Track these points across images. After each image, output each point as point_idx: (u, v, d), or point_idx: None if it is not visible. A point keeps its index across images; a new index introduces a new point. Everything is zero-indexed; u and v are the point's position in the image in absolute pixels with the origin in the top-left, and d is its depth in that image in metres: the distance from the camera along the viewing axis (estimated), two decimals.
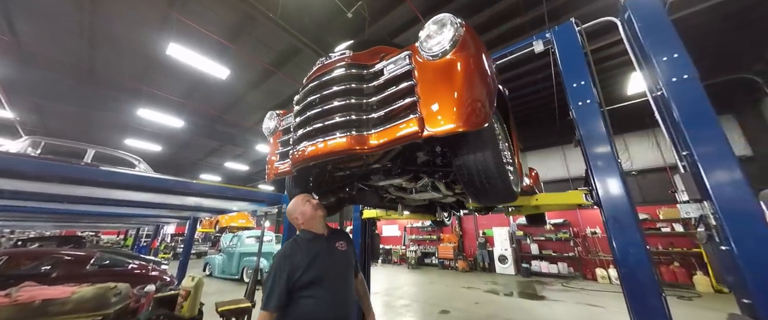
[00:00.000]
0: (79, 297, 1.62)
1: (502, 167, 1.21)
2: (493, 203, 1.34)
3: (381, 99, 1.29)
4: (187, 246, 5.75)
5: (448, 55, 1.14)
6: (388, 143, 1.19)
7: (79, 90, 7.82)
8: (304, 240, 1.49)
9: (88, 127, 10.35)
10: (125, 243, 12.39)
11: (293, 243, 1.48)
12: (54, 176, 2.11)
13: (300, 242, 1.48)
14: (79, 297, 1.61)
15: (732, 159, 1.64)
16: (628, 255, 1.88)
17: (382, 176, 1.87)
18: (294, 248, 1.44)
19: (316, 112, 1.38)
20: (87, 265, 3.65)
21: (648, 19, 2.15)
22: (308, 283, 1.31)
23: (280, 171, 1.77)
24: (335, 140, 1.27)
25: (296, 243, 1.47)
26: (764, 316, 1.39)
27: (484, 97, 1.11)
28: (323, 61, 1.53)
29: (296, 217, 1.53)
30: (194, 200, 3.76)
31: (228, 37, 6.25)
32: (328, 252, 1.48)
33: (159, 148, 11.91)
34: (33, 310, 1.42)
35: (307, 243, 1.47)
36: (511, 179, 1.39)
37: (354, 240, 3.74)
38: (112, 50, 6.62)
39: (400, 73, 1.25)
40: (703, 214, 1.73)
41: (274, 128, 2.01)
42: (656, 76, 2.02)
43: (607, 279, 7.75)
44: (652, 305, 1.72)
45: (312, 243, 1.48)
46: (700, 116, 1.81)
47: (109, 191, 2.88)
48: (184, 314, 2.04)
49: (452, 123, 1.05)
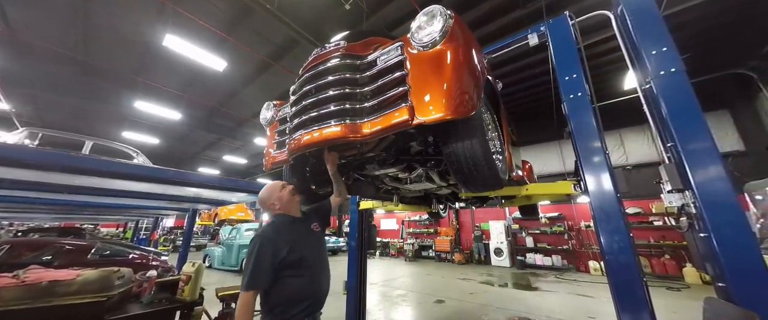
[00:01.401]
0: (83, 279, 1.68)
1: (489, 155, 1.27)
2: (480, 189, 1.40)
3: (374, 89, 1.33)
4: (187, 237, 5.80)
5: (437, 45, 1.18)
6: (381, 131, 1.24)
7: (75, 81, 7.77)
8: (282, 224, 1.52)
9: (84, 119, 10.30)
10: (125, 236, 12.48)
11: (272, 226, 1.50)
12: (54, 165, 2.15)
13: (279, 225, 1.51)
14: (83, 279, 1.67)
15: (714, 151, 1.70)
16: (612, 243, 1.96)
17: (377, 166, 1.93)
18: (275, 230, 1.46)
19: (311, 101, 1.43)
20: (88, 255, 3.71)
21: (639, 13, 2.19)
22: (293, 263, 1.36)
23: (277, 160, 1.82)
24: (330, 128, 1.32)
25: (275, 226, 1.50)
26: (737, 298, 1.46)
27: (471, 87, 1.15)
28: (318, 52, 1.56)
29: (273, 203, 1.56)
30: (194, 191, 3.81)
31: (225, 28, 6.20)
32: (307, 233, 1.55)
33: (157, 141, 11.89)
34: (40, 291, 1.48)
35: (287, 225, 1.52)
36: (499, 167, 1.44)
37: (351, 231, 3.84)
38: (109, 41, 6.56)
39: (392, 63, 1.29)
40: (685, 203, 1.81)
41: (271, 119, 2.05)
42: (645, 69, 2.07)
43: (599, 271, 7.92)
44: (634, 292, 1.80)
45: (291, 225, 1.53)
46: (685, 108, 1.86)
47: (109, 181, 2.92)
48: (185, 298, 2.13)
49: (441, 112, 1.10)
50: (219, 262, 8.71)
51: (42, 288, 1.54)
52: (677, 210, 1.92)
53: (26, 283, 1.51)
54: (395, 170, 1.93)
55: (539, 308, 4.80)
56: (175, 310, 2.15)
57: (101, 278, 1.75)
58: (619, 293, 1.91)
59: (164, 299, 2.09)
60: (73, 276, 1.67)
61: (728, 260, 1.51)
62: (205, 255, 9.58)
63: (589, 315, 4.40)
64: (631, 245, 1.95)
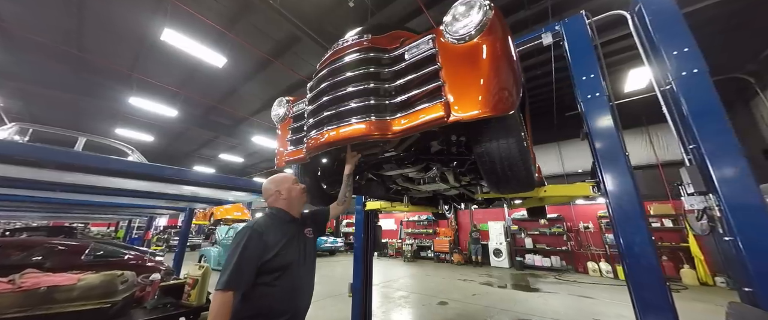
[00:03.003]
0: (85, 283, 1.55)
1: (526, 155, 1.21)
2: (512, 191, 1.34)
3: (402, 84, 1.26)
4: (183, 237, 5.66)
5: (475, 38, 1.12)
6: (412, 128, 1.17)
7: (67, 75, 7.52)
8: (278, 219, 1.34)
9: (76, 115, 9.99)
10: (116, 235, 12.16)
11: (266, 218, 1.31)
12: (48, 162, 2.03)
13: (274, 219, 1.32)
14: (86, 284, 1.55)
15: (739, 153, 1.68)
16: (633, 246, 1.93)
17: (395, 166, 1.86)
18: (267, 224, 1.27)
19: (334, 96, 1.35)
20: (82, 255, 3.55)
21: (659, 13, 2.16)
22: (276, 268, 1.17)
23: (292, 158, 1.73)
24: (355, 126, 1.24)
25: (270, 220, 1.31)
26: (764, 303, 1.43)
27: (511, 82, 1.09)
28: (341, 45, 1.48)
29: (280, 191, 1.39)
30: (191, 190, 3.69)
31: (225, 23, 6.06)
32: (300, 238, 1.36)
33: (151, 138, 11.62)
34: (39, 297, 1.37)
35: (283, 223, 1.33)
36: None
37: (356, 232, 3.77)
38: (104, 35, 6.35)
39: (423, 57, 1.22)
40: (707, 206, 1.78)
41: (283, 115, 1.96)
42: (666, 70, 2.05)
43: (598, 271, 7.98)
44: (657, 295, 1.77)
45: (287, 224, 1.34)
46: (709, 110, 1.84)
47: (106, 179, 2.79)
48: (192, 302, 2.02)
49: (479, 108, 1.04)
50: (215, 263, 8.53)
51: (40, 294, 1.41)
52: (698, 213, 1.90)
53: (23, 289, 1.39)
54: (413, 170, 1.86)
55: (543, 310, 4.78)
56: (181, 316, 2.03)
57: (104, 282, 1.63)
58: (641, 296, 1.87)
59: (169, 304, 1.98)
60: (74, 281, 1.54)
61: (756, 264, 1.48)
62: (201, 255, 9.38)
63: (595, 317, 4.39)
64: (653, 248, 1.91)
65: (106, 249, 4.13)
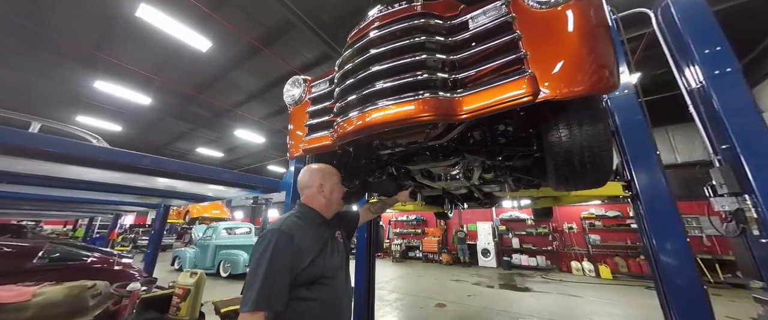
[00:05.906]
0: (44, 299, 1.15)
1: (610, 145, 1.05)
2: (583, 188, 1.17)
3: (467, 56, 1.06)
4: (157, 237, 5.10)
5: (569, 1, 0.93)
6: (485, 109, 0.96)
7: (17, 53, 6.56)
8: (311, 221, 1.12)
9: (27, 98, 8.79)
10: (74, 235, 10.91)
11: (295, 218, 1.08)
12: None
13: (306, 220, 1.10)
14: (44, 300, 1.15)
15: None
16: (667, 247, 1.86)
17: (428, 158, 1.65)
18: (297, 225, 1.05)
19: (380, 70, 1.11)
20: (34, 259, 2.99)
21: (689, 12, 2.12)
22: (314, 279, 0.97)
23: (314, 146, 1.46)
24: (413, 105, 1.02)
25: (300, 220, 1.09)
26: None
27: (611, 54, 0.92)
28: (383, 11, 1.25)
29: (323, 185, 1.17)
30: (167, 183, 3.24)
31: (211, 5, 5.53)
32: (334, 242, 1.15)
33: (119, 128, 10.57)
34: None
35: (316, 225, 1.12)
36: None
37: (358, 232, 3.52)
38: (66, 7, 5.57)
39: (495, 24, 1.03)
40: (740, 207, 1.74)
41: (299, 97, 1.69)
42: (696, 69, 2.00)
43: (581, 270, 8.27)
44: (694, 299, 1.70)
45: (320, 227, 1.13)
46: (743, 109, 1.80)
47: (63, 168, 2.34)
48: (182, 317, 1.65)
49: (581, 85, 0.85)
50: (191, 264, 7.87)
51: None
52: (727, 215, 1.86)
53: None
54: (447, 164, 1.66)
55: (539, 310, 4.79)
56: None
57: (70, 297, 1.24)
58: (677, 300, 1.80)
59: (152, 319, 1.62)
60: (27, 296, 1.14)
61: None
62: (175, 256, 8.63)
63: (590, 317, 4.45)
64: (689, 249, 1.85)
65: (64, 250, 3.55)
